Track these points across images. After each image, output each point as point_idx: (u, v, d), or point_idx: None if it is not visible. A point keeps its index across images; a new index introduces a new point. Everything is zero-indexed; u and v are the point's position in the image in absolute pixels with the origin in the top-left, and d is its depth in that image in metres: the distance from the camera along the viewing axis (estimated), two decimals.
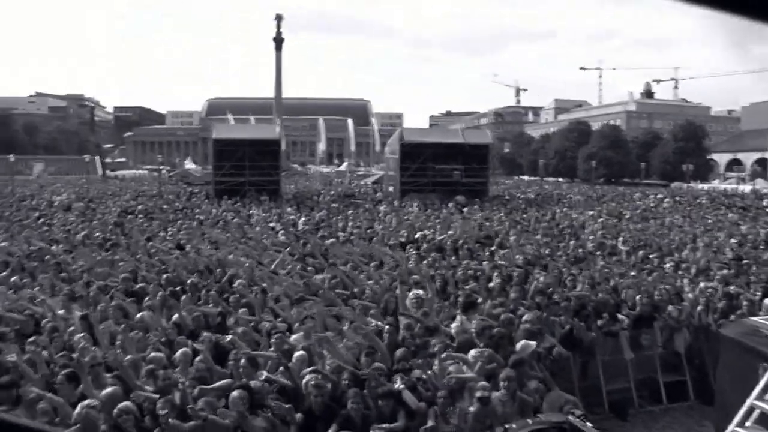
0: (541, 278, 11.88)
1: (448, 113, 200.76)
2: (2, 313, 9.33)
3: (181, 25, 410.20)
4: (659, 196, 43.75)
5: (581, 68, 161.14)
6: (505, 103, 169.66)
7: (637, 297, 10.62)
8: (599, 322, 9.85)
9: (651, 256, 15.13)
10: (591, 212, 28.26)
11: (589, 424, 6.09)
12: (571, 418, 6.10)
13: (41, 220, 23.87)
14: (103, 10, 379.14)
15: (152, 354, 7.51)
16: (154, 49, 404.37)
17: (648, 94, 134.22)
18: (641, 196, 44.57)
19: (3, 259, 14.17)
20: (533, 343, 8.01)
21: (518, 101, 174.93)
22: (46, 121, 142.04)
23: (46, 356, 7.54)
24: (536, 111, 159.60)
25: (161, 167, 59.81)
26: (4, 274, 12.22)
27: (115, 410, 5.98)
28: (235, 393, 6.22)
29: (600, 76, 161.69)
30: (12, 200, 36.37)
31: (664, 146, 78.26)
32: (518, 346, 7.89)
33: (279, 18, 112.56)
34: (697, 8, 1.29)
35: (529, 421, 6.23)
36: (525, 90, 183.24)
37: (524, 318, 8.97)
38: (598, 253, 15.71)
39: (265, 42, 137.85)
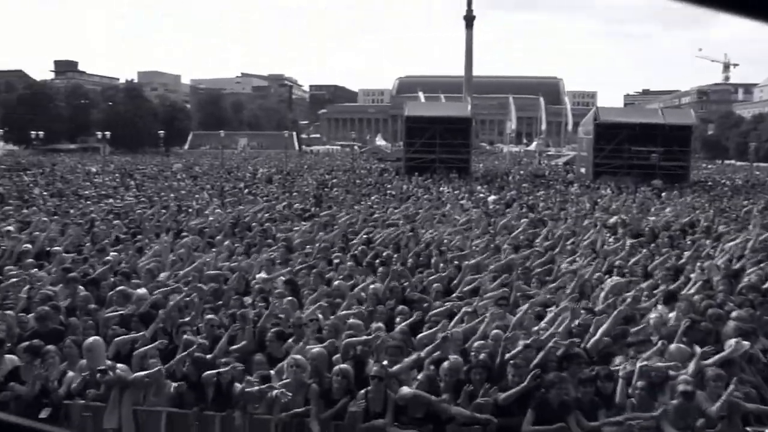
0: (752, 272, 10.91)
1: (645, 92, 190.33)
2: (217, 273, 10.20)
3: (370, 4, 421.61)
4: None
5: None
6: (710, 80, 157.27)
7: None
8: None
9: None
10: None
11: None
12: None
13: (246, 190, 25.76)
14: None
15: (351, 320, 7.83)
16: (344, 29, 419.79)
17: None
18: None
19: (216, 225, 15.50)
20: (747, 343, 7.36)
21: (727, 78, 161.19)
22: (250, 99, 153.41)
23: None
24: (748, 88, 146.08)
25: (353, 143, 62.27)
26: (218, 238, 13.33)
27: (335, 369, 6.35)
28: (446, 364, 6.39)
29: None
30: (221, 171, 39.65)
31: None
32: (728, 344, 7.29)
33: None
34: (697, 8, 1.25)
35: None
36: (735, 65, 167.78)
37: (734, 315, 8.27)
38: None
39: (456, 20, 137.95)
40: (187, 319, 7.89)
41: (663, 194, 26.67)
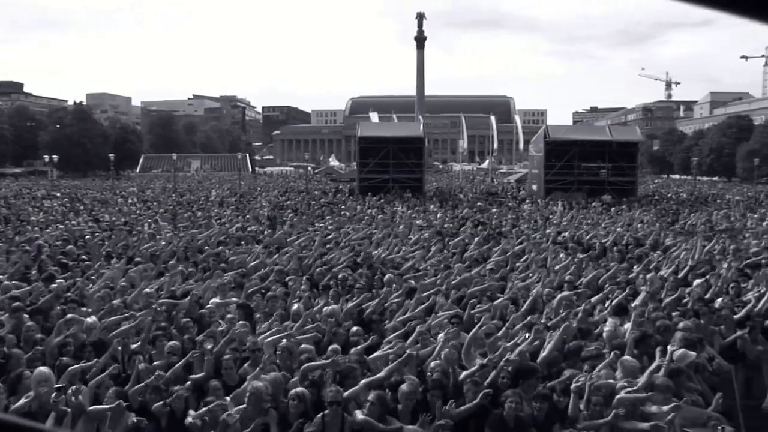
0: (697, 283, 11.26)
1: (593, 109, 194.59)
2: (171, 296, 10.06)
3: (323, 26, 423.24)
4: None
5: (742, 57, 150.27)
6: (654, 98, 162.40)
7: None
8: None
9: None
10: (754, 215, 26.32)
11: None
12: None
13: (199, 213, 25.44)
14: (243, 14, 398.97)
15: (304, 345, 7.80)
16: (297, 50, 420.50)
17: None
18: None
19: (169, 249, 15.28)
20: (693, 353, 7.58)
21: (669, 95, 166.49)
22: (202, 121, 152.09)
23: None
24: (689, 105, 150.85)
25: (307, 164, 62.10)
26: (171, 262, 13.14)
27: (290, 393, 6.30)
28: (404, 387, 6.40)
29: (766, 64, 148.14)
30: (174, 195, 39.15)
31: None
32: (676, 355, 7.49)
33: (420, 17, 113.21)
34: (697, 8, 1.27)
35: None
36: (677, 83, 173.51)
37: (680, 326, 8.51)
38: (762, 259, 14.58)
39: (408, 40, 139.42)
40: (136, 346, 7.77)
41: (612, 209, 27.27)
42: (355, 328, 8.42)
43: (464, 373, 6.80)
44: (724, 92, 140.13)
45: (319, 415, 6.18)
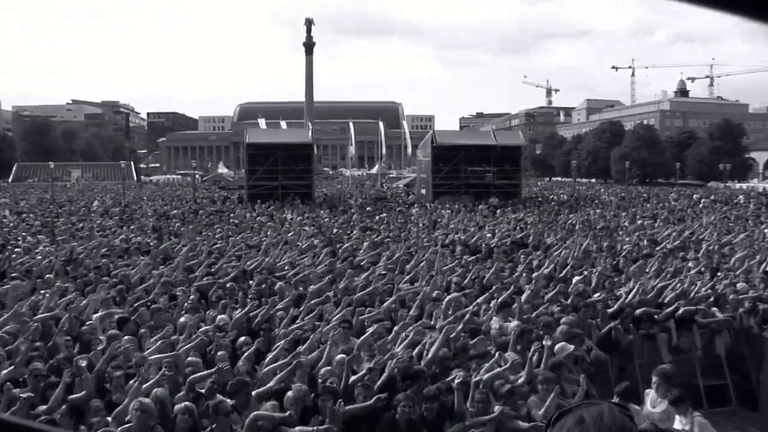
0: (576, 280, 11.85)
1: (479, 115, 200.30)
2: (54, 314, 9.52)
3: (211, 30, 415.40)
4: (696, 196, 43.14)
5: (613, 67, 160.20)
6: (536, 104, 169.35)
7: (674, 299, 10.49)
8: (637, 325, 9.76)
9: (689, 257, 14.92)
10: (625, 213, 27.97)
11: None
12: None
13: (81, 224, 24.27)
14: (128, 15, 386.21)
15: (190, 358, 7.59)
16: (184, 55, 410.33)
17: (682, 92, 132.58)
18: (676, 196, 43.99)
19: (46, 263, 14.46)
20: (571, 346, 7.97)
21: (550, 102, 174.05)
22: (82, 128, 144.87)
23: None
24: (568, 111, 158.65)
25: (195, 172, 60.61)
26: (48, 276, 12.46)
27: (177, 407, 6.11)
28: (290, 393, 6.35)
29: (633, 75, 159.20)
30: (52, 206, 37.16)
31: (700, 146, 77.36)
32: (556, 348, 7.86)
33: (309, 22, 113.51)
34: (697, 8, 1.28)
35: None
36: (557, 90, 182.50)
37: (562, 320, 8.94)
38: (633, 254, 15.53)
39: (297, 46, 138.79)
40: (8, 371, 7.28)
41: (498, 211, 28.19)
42: (242, 338, 8.29)
43: (353, 377, 6.84)
44: (599, 99, 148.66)
45: (209, 429, 6.03)
